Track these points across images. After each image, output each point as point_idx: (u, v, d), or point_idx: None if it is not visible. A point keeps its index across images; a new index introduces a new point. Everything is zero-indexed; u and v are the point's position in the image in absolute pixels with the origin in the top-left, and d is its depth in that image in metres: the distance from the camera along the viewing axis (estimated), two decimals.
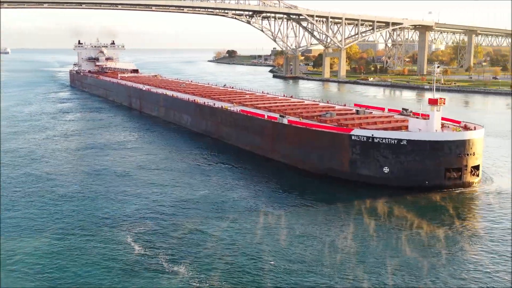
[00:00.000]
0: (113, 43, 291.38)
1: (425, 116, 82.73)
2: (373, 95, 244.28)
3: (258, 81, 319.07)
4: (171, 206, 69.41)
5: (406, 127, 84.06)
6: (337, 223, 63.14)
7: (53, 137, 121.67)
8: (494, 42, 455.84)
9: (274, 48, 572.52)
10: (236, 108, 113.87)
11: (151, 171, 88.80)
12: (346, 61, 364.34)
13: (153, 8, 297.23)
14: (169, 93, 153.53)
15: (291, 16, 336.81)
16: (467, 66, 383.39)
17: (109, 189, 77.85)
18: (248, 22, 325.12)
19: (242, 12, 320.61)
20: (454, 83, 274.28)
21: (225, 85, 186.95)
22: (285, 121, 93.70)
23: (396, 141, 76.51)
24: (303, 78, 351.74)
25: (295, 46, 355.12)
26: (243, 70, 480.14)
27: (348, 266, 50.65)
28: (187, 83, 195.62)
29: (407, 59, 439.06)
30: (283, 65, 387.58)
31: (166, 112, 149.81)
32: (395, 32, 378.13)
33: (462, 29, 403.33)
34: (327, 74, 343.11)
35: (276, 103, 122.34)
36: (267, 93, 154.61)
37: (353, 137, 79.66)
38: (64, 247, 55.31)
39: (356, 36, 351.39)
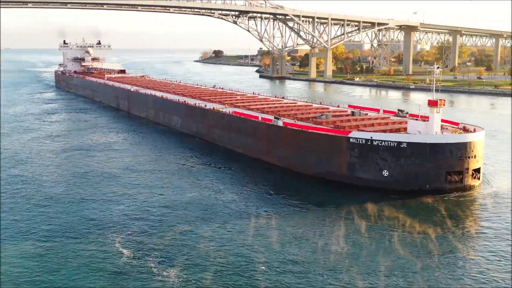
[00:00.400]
0: (99, 43, 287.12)
1: (425, 118, 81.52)
2: (359, 95, 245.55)
3: (245, 81, 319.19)
4: (160, 208, 68.48)
5: (405, 129, 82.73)
6: (331, 227, 62.31)
7: (39, 139, 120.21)
8: (479, 43, 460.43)
9: (260, 48, 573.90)
10: (228, 110, 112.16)
11: (140, 173, 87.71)
12: (332, 61, 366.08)
13: (139, 8, 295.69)
14: (158, 94, 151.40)
15: (277, 16, 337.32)
16: (452, 66, 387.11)
17: (96, 191, 76.77)
18: (235, 22, 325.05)
19: (228, 12, 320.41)
20: (439, 83, 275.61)
21: (214, 85, 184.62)
22: (280, 123, 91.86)
23: (396, 144, 74.85)
24: (289, 78, 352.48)
25: (282, 46, 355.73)
26: (230, 70, 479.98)
27: (342, 269, 50.39)
28: (175, 83, 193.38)
29: (393, 59, 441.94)
30: (269, 65, 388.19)
31: (155, 114, 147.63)
32: (380, 33, 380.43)
33: (446, 30, 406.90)
34: (313, 74, 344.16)
35: (268, 104, 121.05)
36: (258, 94, 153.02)
37: (351, 140, 78.07)
38: (51, 251, 54.31)
39: (342, 36, 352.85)
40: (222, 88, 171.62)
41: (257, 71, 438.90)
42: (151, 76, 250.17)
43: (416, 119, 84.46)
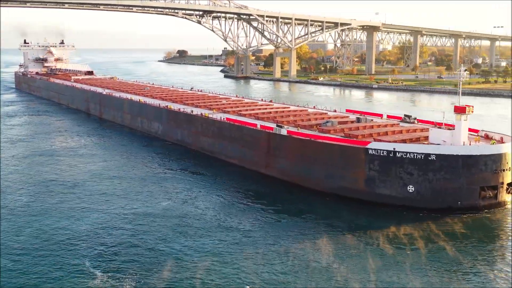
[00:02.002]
0: (62, 42, 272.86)
1: (449, 126, 74.84)
2: (324, 94, 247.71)
3: (211, 81, 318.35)
4: (132, 220, 64.09)
5: (426, 138, 75.87)
6: (347, 251, 55.39)
7: None
8: (439, 43, 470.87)
9: (225, 48, 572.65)
10: (219, 116, 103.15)
11: (111, 181, 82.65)
12: (297, 61, 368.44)
13: (101, 7, 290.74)
14: (135, 98, 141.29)
15: (242, 16, 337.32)
16: (413, 65, 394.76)
17: (61, 202, 71.66)
18: (199, 22, 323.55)
19: (192, 12, 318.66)
20: (401, 82, 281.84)
21: (192, 88, 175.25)
22: (283, 131, 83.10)
23: (423, 156, 67.27)
24: (254, 78, 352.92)
25: (246, 46, 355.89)
26: (195, 70, 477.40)
27: None
28: (150, 86, 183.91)
29: (356, 59, 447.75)
30: (234, 65, 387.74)
31: (132, 119, 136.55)
32: (343, 33, 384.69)
33: (408, 30, 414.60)
34: (278, 74, 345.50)
35: (260, 109, 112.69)
36: (243, 97, 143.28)
37: (370, 151, 70.31)
38: (12, 271, 49.54)
39: (306, 36, 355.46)
40: (201, 91, 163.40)
41: (221, 71, 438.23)
42: (120, 77, 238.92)
43: (440, 127, 77.76)
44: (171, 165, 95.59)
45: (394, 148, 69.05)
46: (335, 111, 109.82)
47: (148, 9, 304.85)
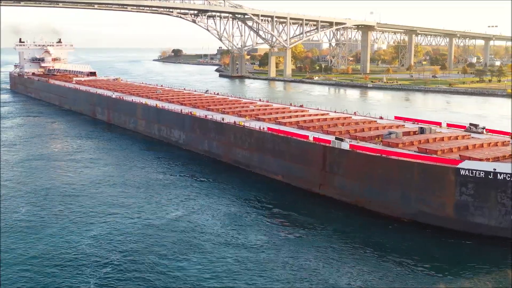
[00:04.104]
0: (59, 41, 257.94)
1: None
2: (321, 94, 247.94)
3: (208, 81, 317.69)
4: (140, 232, 59.32)
5: None
6: None
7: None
8: (433, 42, 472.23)
9: (220, 47, 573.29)
10: (253, 124, 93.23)
11: (117, 188, 77.12)
12: (292, 60, 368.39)
13: (96, 6, 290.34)
14: (151, 102, 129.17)
15: (237, 15, 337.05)
16: (408, 65, 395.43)
17: (62, 212, 66.63)
18: (194, 21, 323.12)
19: (187, 11, 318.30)
20: (396, 82, 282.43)
21: (207, 90, 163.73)
22: (345, 145, 72.57)
23: None
24: (249, 77, 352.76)
25: (241, 45, 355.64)
26: (191, 70, 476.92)
27: None
28: (161, 88, 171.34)
29: (351, 58, 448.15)
30: (229, 64, 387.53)
31: (147, 126, 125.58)
32: (338, 32, 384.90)
33: (402, 29, 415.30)
34: (273, 73, 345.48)
35: (297, 116, 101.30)
36: (267, 101, 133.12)
37: (462, 172, 59.93)
38: None
39: (301, 35, 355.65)
40: (218, 94, 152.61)
41: (216, 70, 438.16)
42: (116, 77, 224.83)
43: None
44: (199, 178, 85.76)
45: (494, 169, 58.41)
46: (381, 117, 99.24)
47: (143, 8, 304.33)
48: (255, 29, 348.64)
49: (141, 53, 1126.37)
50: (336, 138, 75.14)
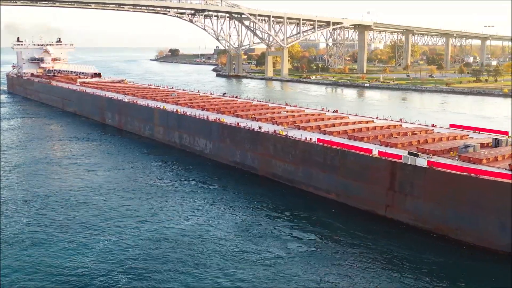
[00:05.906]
0: (59, 41, 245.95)
1: None
2: (318, 94, 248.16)
3: (208, 81, 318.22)
4: (148, 246, 55.51)
5: None
6: None
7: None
8: (430, 42, 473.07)
9: (217, 47, 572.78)
10: (293, 133, 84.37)
11: (165, 201, 71.78)
12: (289, 60, 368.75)
13: (92, 5, 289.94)
14: (170, 107, 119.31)
15: (234, 15, 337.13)
16: (404, 64, 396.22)
17: (66, 223, 62.47)
18: (191, 21, 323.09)
19: (184, 11, 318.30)
20: (393, 81, 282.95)
21: (224, 93, 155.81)
22: (421, 162, 62.37)
23: None
24: (246, 77, 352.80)
25: (238, 45, 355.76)
26: (188, 69, 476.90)
27: None
28: (177, 91, 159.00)
29: (348, 58, 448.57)
30: (226, 64, 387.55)
31: (166, 133, 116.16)
32: (335, 32, 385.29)
33: (399, 29, 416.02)
34: (270, 73, 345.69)
35: (341, 124, 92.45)
36: (295, 106, 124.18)
37: None
38: None
39: (298, 35, 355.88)
40: (237, 97, 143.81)
41: (214, 70, 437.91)
42: (129, 80, 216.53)
43: None
44: (237, 194, 76.98)
45: None
46: (433, 125, 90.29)
47: (140, 7, 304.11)
48: (252, 29, 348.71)
49: (138, 53, 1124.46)
50: (409, 153, 64.81)
